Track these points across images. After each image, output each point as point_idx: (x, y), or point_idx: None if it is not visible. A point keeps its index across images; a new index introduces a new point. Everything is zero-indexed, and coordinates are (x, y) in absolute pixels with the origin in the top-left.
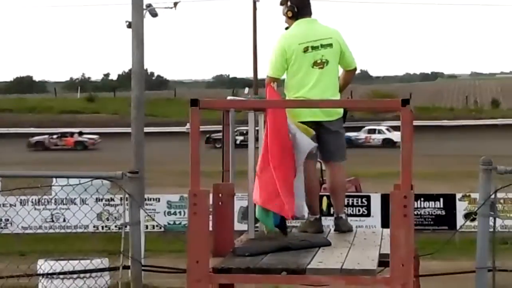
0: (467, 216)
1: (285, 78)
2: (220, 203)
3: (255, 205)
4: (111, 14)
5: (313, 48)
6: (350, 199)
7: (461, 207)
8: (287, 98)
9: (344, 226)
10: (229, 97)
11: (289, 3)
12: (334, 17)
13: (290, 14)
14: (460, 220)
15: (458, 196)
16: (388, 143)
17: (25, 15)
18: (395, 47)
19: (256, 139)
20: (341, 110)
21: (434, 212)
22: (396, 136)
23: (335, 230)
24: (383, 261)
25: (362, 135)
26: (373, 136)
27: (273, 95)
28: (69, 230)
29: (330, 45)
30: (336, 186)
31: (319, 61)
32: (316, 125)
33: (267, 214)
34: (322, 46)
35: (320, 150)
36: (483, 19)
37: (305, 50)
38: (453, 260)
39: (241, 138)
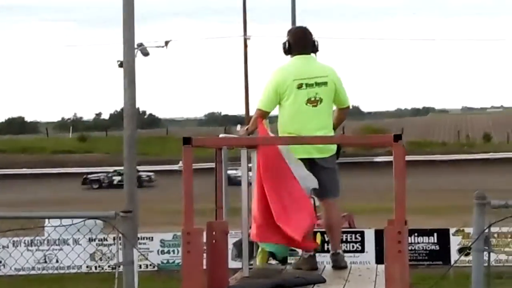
0: (461, 250)
1: (277, 114)
2: (214, 241)
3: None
4: (102, 54)
5: (308, 85)
6: (344, 235)
7: (455, 242)
8: (279, 134)
9: (342, 261)
10: (221, 135)
11: (285, 39)
12: (326, 54)
13: (282, 50)
14: (454, 255)
15: (452, 230)
16: None
17: (15, 56)
18: (386, 83)
19: (249, 176)
20: (334, 147)
21: (428, 247)
22: None
23: (333, 267)
24: None
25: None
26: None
27: (263, 131)
28: (62, 271)
29: (325, 83)
30: (332, 223)
31: (313, 99)
32: (310, 162)
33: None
34: (317, 84)
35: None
36: (473, 55)
37: (299, 86)
38: None
39: (119, 178)
